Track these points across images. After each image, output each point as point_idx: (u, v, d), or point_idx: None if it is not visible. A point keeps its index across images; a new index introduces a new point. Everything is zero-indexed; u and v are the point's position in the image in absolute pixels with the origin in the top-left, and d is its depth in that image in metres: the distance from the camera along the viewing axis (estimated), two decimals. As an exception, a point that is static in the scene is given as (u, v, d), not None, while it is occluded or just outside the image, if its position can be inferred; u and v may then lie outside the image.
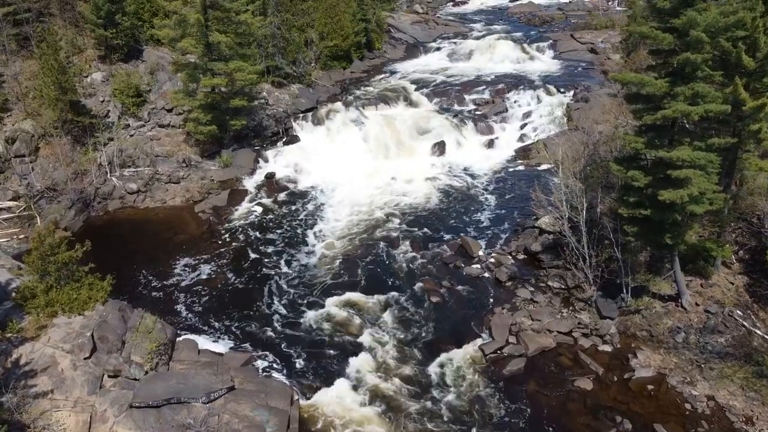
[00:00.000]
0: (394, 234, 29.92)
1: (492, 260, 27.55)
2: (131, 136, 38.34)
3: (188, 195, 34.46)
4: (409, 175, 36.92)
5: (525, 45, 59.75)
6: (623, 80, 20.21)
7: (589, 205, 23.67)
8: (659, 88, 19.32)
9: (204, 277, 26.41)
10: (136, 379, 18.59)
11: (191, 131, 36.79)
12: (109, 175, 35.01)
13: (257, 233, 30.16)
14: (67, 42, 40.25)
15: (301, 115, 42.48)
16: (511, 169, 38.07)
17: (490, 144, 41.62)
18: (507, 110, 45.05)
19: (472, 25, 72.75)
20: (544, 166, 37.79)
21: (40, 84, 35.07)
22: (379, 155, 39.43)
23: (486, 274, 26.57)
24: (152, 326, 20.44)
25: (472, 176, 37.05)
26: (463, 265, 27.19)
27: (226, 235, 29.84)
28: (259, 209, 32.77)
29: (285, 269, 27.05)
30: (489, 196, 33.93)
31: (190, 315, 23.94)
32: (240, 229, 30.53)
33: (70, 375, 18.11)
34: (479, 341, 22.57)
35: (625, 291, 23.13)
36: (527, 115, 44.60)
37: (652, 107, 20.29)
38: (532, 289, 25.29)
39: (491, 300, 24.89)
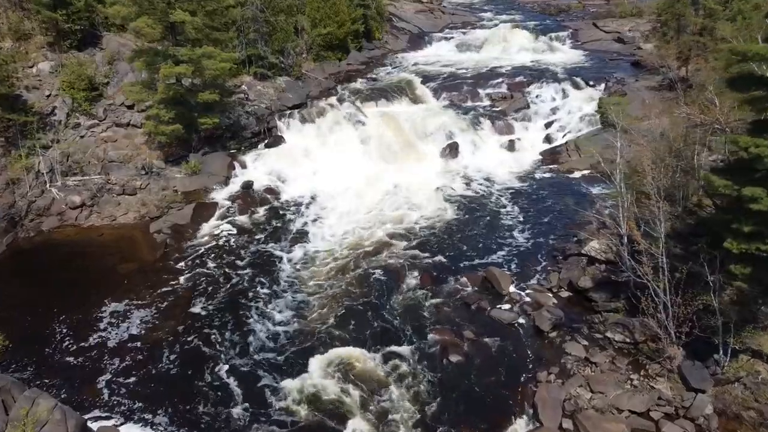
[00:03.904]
0: (399, 262, 23.41)
1: (527, 299, 21.05)
2: (81, 137, 31.83)
3: (144, 210, 27.97)
4: (416, 183, 30.49)
5: (542, 35, 53.72)
6: (746, 52, 13.63)
7: (669, 230, 17.15)
8: (800, 65, 12.85)
9: (143, 328, 19.68)
10: None
11: (151, 131, 30.31)
12: (48, 186, 28.53)
13: (224, 262, 23.58)
14: (12, 27, 33.95)
15: (287, 112, 36.04)
16: (538, 176, 31.60)
17: (511, 146, 35.19)
18: (528, 106, 38.71)
19: (481, 14, 66.73)
20: (577, 173, 31.57)
21: (-39, 74, 28.70)
22: (380, 159, 33.02)
23: (521, 320, 20.05)
24: (47, 415, 13.95)
25: (492, 185, 30.58)
26: (489, 307, 20.68)
27: (184, 265, 23.26)
28: (230, 229, 26.24)
29: (255, 314, 20.38)
30: (515, 211, 27.41)
31: (115, 390, 17.15)
32: (203, 256, 23.98)
33: None
34: (521, 426, 16.05)
35: (722, 351, 16.62)
36: (553, 111, 38.23)
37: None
38: (586, 343, 18.76)
39: (531, 359, 18.35)
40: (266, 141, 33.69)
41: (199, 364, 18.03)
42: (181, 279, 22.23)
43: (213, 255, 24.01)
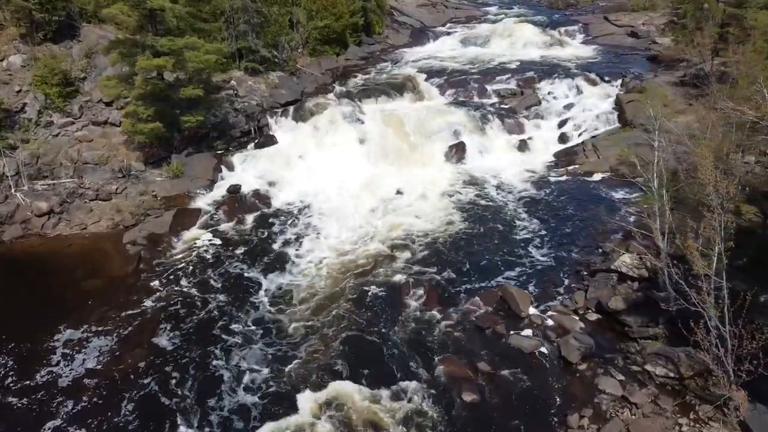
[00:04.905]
0: (402, 278, 20.65)
1: (550, 323, 18.29)
2: (54, 136, 29.15)
3: (118, 217, 25.21)
4: (420, 187, 27.75)
5: (551, 29, 51.15)
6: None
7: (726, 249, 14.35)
8: None
9: (101, 361, 16.62)
10: None
11: (128, 130, 27.60)
12: (13, 191, 25.81)
13: (201, 279, 20.71)
14: (-19, 18, 31.33)
15: (280, 109, 33.33)
16: (553, 179, 28.85)
17: (522, 146, 32.44)
18: (540, 103, 35.94)
19: (486, 8, 64.04)
20: (597, 176, 28.91)
21: None
22: (380, 161, 30.27)
23: (544, 348, 17.29)
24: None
25: (503, 189, 27.83)
26: (506, 332, 17.93)
27: (157, 283, 20.43)
28: (213, 239, 23.44)
29: (233, 345, 17.38)
30: (530, 220, 24.65)
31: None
32: (179, 272, 21.17)
33: None
34: (551, 486, 13.34)
35: (790, 393, 13.90)
36: (566, 109, 35.47)
37: None
38: (622, 377, 16.01)
39: (559, 398, 15.59)
40: (256, 141, 30.93)
41: (161, 410, 15.15)
42: (151, 300, 19.38)
43: (191, 270, 21.19)
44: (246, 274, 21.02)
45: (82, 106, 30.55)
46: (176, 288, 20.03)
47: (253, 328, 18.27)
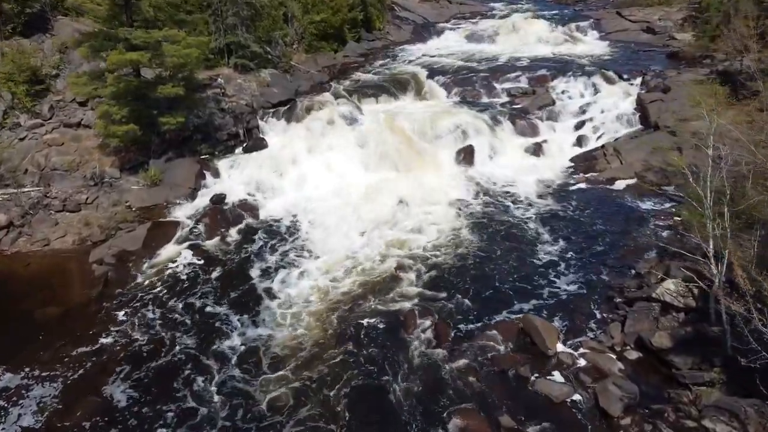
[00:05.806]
0: (406, 304, 17.82)
1: (582, 363, 15.46)
2: (21, 140, 26.38)
3: (86, 232, 22.38)
4: (426, 197, 24.94)
5: (562, 25, 48.61)
6: None
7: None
8: None
9: (40, 417, 13.61)
10: None
11: (100, 132, 24.80)
12: (-31, 201, 23.06)
13: (172, 308, 17.73)
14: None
15: (271, 110, 30.62)
16: (572, 187, 26.05)
17: (537, 150, 29.61)
18: (554, 103, 33.20)
19: (492, 4, 61.42)
20: (620, 183, 26.18)
21: None
22: (381, 167, 27.46)
23: (577, 396, 14.46)
24: None
25: (518, 200, 25.00)
26: (531, 375, 15.09)
27: (121, 313, 17.49)
28: (191, 258, 20.55)
29: (209, 385, 14.63)
30: (549, 235, 21.81)
31: None
32: (147, 298, 18.28)
33: None
34: None
35: None
36: (583, 110, 32.65)
37: None
38: (676, 436, 13.22)
39: (600, 463, 12.80)
40: (245, 144, 28.20)
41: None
42: (111, 335, 16.48)
43: (161, 298, 18.24)
44: (222, 303, 17.94)
45: (53, 106, 27.79)
46: (141, 321, 17.07)
47: (226, 376, 15.25)
